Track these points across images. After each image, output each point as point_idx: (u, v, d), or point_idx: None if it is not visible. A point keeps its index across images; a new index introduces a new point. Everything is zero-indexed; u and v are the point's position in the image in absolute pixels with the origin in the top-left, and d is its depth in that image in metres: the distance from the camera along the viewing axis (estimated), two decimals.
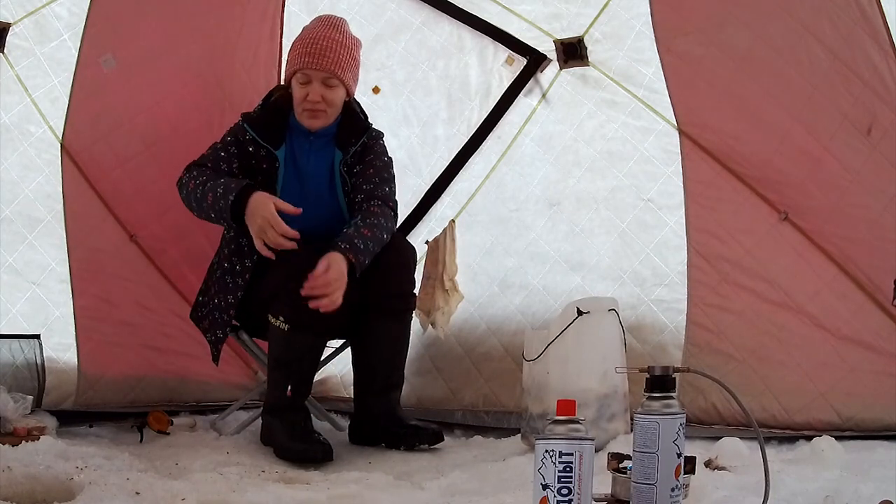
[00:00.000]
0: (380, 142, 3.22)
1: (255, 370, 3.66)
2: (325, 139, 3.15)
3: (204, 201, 2.98)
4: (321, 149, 3.15)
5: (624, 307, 2.98)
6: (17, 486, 2.33)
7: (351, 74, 3.10)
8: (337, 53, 3.04)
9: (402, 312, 3.13)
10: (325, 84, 3.05)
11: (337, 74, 3.05)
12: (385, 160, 3.20)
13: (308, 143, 3.14)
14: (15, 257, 3.21)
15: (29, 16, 3.19)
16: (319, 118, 3.09)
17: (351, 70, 3.10)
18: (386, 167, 3.18)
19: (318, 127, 3.11)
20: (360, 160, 3.15)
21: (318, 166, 3.14)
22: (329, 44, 3.05)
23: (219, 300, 3.12)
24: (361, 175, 3.13)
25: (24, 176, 3.24)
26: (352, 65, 3.10)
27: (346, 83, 3.09)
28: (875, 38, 2.69)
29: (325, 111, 3.08)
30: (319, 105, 3.06)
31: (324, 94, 3.05)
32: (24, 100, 3.23)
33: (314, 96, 3.04)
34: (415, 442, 3.01)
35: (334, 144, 3.15)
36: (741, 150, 3.02)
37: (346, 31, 3.13)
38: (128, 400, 3.35)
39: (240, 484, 2.47)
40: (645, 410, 1.83)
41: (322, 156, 3.15)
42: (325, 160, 3.14)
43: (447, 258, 3.41)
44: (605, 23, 3.23)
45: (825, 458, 2.51)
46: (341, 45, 3.07)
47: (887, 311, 2.82)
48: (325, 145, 3.15)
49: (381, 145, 3.22)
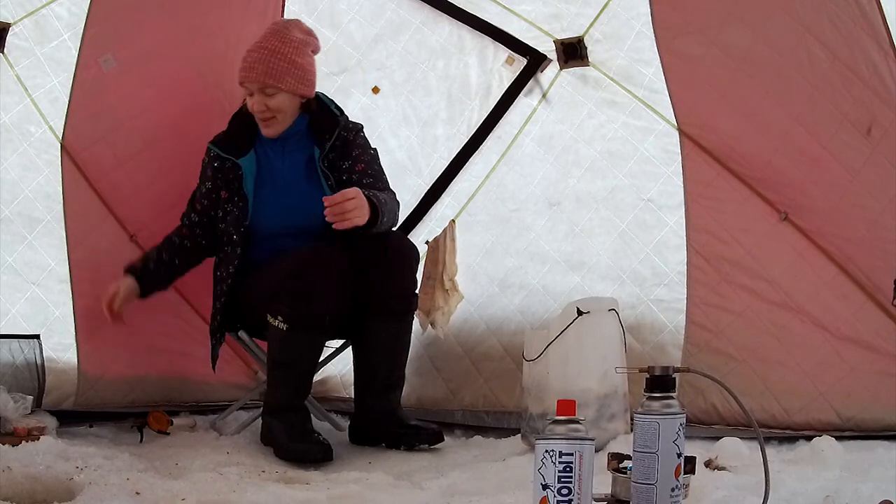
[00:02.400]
0: (360, 135, 3.24)
1: (255, 370, 3.65)
2: (295, 139, 3.19)
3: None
4: (295, 149, 3.19)
5: (624, 307, 2.97)
6: (17, 486, 2.34)
7: (290, 78, 3.09)
8: (266, 63, 3.07)
9: (403, 313, 3.13)
10: (264, 93, 3.09)
11: (268, 83, 3.07)
12: (371, 153, 3.23)
13: (280, 146, 3.19)
14: (15, 257, 3.21)
15: (29, 16, 3.19)
16: (271, 125, 3.15)
17: (289, 74, 3.09)
18: (374, 160, 3.22)
19: (274, 134, 3.16)
20: (343, 155, 3.16)
21: (294, 166, 3.18)
22: (260, 55, 3.08)
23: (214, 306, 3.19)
24: (352, 171, 3.15)
25: (23, 176, 3.24)
26: (289, 69, 3.08)
27: (284, 88, 3.09)
28: (875, 38, 2.69)
29: (275, 118, 3.13)
30: (266, 114, 3.12)
31: (266, 102, 3.10)
32: (24, 100, 3.23)
33: (257, 106, 3.11)
34: (415, 442, 3.02)
35: (310, 142, 3.18)
36: (741, 150, 3.02)
37: (286, 36, 3.13)
38: (128, 400, 3.35)
39: (240, 484, 2.47)
40: (645, 410, 1.83)
41: (297, 156, 3.19)
42: (301, 159, 3.18)
43: (447, 258, 3.41)
44: (605, 23, 3.23)
45: (825, 458, 2.51)
46: (273, 52, 3.08)
47: (887, 311, 2.82)
48: (299, 145, 3.19)
49: (362, 138, 3.24)
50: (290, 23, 3.21)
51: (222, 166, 3.16)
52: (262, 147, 3.19)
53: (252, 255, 3.15)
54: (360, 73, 3.69)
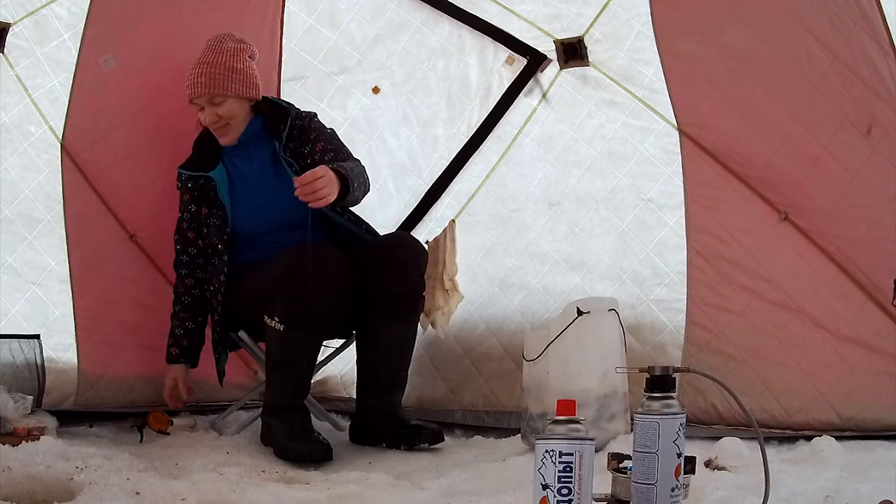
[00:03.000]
0: (315, 120, 3.30)
1: (255, 370, 3.66)
2: (255, 141, 3.25)
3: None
4: (257, 150, 3.25)
5: (624, 307, 2.97)
6: (17, 486, 2.33)
7: (234, 84, 3.18)
8: (209, 75, 3.16)
9: (409, 313, 3.13)
10: (214, 104, 3.18)
11: (214, 93, 3.17)
12: (328, 132, 3.28)
13: (243, 151, 3.26)
14: (15, 257, 3.21)
15: (29, 16, 3.19)
16: (226, 133, 3.23)
17: (231, 81, 3.18)
18: (333, 136, 3.27)
19: (231, 141, 3.24)
20: (301, 141, 3.23)
21: (261, 165, 3.24)
22: (201, 69, 3.18)
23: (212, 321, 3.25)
24: (313, 153, 3.20)
25: (23, 176, 3.24)
26: (231, 76, 3.18)
27: (230, 95, 3.18)
28: (875, 38, 2.69)
29: (228, 125, 3.22)
30: (218, 123, 3.21)
31: (217, 112, 3.19)
32: (24, 100, 3.22)
33: (209, 118, 3.20)
34: (415, 441, 3.02)
35: (269, 139, 3.24)
36: (741, 150, 3.02)
37: (220, 47, 3.22)
38: (128, 400, 3.34)
39: (240, 484, 2.47)
40: (645, 410, 1.83)
41: (261, 156, 3.25)
42: (266, 157, 3.25)
43: (447, 258, 3.41)
44: (605, 23, 3.23)
45: (825, 458, 2.50)
46: (211, 63, 3.18)
47: (887, 311, 2.82)
48: (259, 144, 3.25)
49: (317, 122, 3.30)
50: (223, 35, 3.28)
51: (196, 184, 3.23)
52: (228, 157, 3.26)
53: (240, 258, 3.20)
54: (360, 73, 3.69)
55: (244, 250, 3.20)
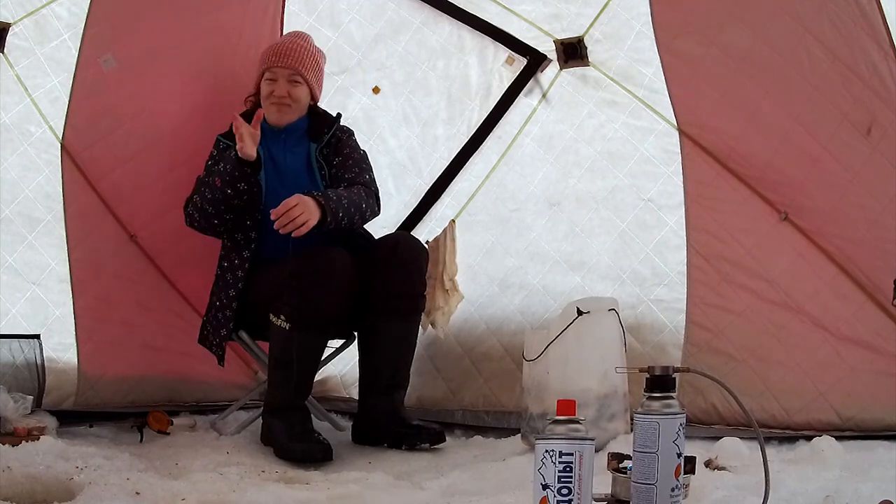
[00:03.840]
0: (353, 138, 3.35)
1: (255, 370, 3.66)
2: (297, 135, 3.27)
3: (215, 188, 3.06)
4: (296, 144, 3.27)
5: (624, 307, 2.97)
6: (17, 486, 2.34)
7: (314, 76, 3.29)
8: (300, 55, 3.26)
9: (410, 313, 3.14)
10: (291, 81, 3.23)
11: (301, 72, 3.24)
12: (361, 153, 3.32)
13: (282, 141, 3.26)
14: (15, 257, 3.21)
15: (29, 16, 3.19)
16: (286, 112, 3.25)
17: (314, 73, 3.29)
18: (364, 159, 3.31)
19: (285, 122, 3.25)
20: (336, 152, 3.27)
21: (295, 160, 3.25)
22: (294, 46, 3.27)
23: (220, 300, 3.15)
24: (342, 167, 3.24)
25: (24, 176, 3.24)
26: (315, 69, 3.30)
27: (309, 83, 3.27)
28: (875, 38, 2.69)
29: (291, 105, 3.25)
30: (285, 99, 3.23)
31: (289, 90, 3.23)
32: (24, 100, 3.23)
33: (280, 91, 3.22)
34: (417, 441, 3.02)
35: (307, 138, 3.27)
36: (741, 150, 3.02)
37: (312, 42, 3.34)
38: (128, 400, 3.35)
39: (240, 484, 2.47)
40: (645, 410, 1.83)
41: (298, 151, 3.26)
42: (302, 153, 3.26)
43: (447, 258, 3.41)
44: (605, 23, 3.23)
45: (825, 458, 2.51)
46: (305, 50, 3.28)
47: (887, 311, 2.82)
48: (299, 140, 3.28)
49: (354, 141, 3.35)
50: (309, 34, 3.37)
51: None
52: (266, 142, 3.21)
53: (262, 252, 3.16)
54: (360, 73, 3.69)
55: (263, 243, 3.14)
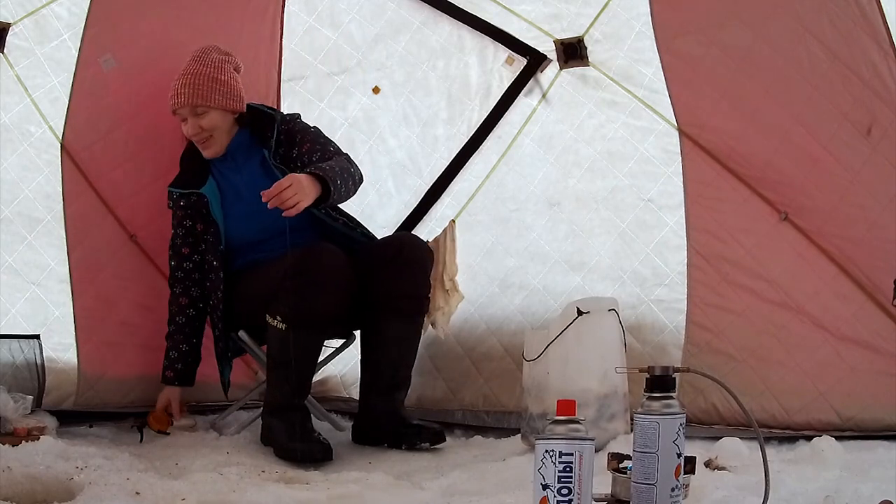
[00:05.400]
0: (297, 121, 3.29)
1: (255, 370, 3.65)
2: (242, 151, 3.25)
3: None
4: (246, 160, 3.24)
5: (624, 307, 2.98)
6: (17, 486, 2.33)
7: (217, 96, 3.17)
8: (193, 86, 3.16)
9: (413, 314, 3.14)
10: (197, 115, 3.17)
11: (197, 104, 3.16)
12: (312, 130, 3.27)
13: (231, 162, 3.25)
14: (15, 257, 3.20)
15: (29, 16, 3.19)
16: (211, 145, 3.22)
17: (215, 92, 3.17)
18: (318, 135, 3.26)
19: (214, 154, 3.23)
20: (290, 145, 3.22)
21: (251, 174, 3.21)
22: (185, 80, 3.17)
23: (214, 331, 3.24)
24: (305, 156, 3.19)
25: (23, 176, 3.23)
26: (215, 87, 3.17)
27: (213, 106, 3.17)
28: (875, 38, 2.69)
29: (211, 136, 3.20)
30: (202, 135, 3.19)
31: (199, 123, 3.18)
32: (24, 100, 3.22)
33: (191, 130, 3.19)
34: (417, 441, 3.02)
35: (257, 148, 3.23)
36: (741, 150, 3.02)
37: (208, 60, 3.22)
38: (128, 400, 3.34)
39: (240, 484, 2.47)
40: (645, 410, 1.83)
41: (250, 165, 3.24)
42: (255, 165, 3.23)
43: (447, 258, 3.41)
44: (605, 23, 3.23)
45: (825, 458, 2.51)
46: (197, 75, 3.17)
47: (887, 311, 2.82)
48: (248, 154, 3.25)
49: (300, 123, 3.29)
50: (208, 47, 3.28)
51: (189, 202, 3.22)
52: (218, 170, 3.25)
53: (239, 261, 3.21)
54: (360, 73, 3.69)
55: (241, 255, 3.20)
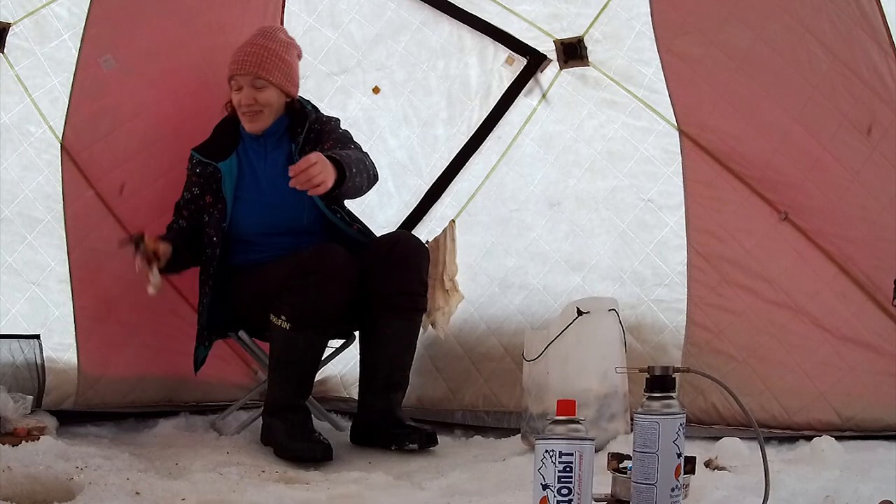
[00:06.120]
0: (332, 122, 3.28)
1: (255, 370, 3.65)
2: (275, 138, 3.23)
3: None
4: (276, 148, 3.23)
5: (624, 307, 2.98)
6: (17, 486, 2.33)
7: (280, 74, 3.17)
8: (260, 57, 3.14)
9: (409, 312, 3.12)
10: (255, 87, 3.15)
11: (262, 76, 3.14)
12: (341, 131, 3.25)
13: (262, 147, 3.23)
14: (15, 257, 3.21)
15: (29, 16, 3.19)
16: (257, 120, 3.19)
17: (279, 70, 3.17)
18: (346, 135, 3.24)
19: (259, 129, 3.20)
20: (315, 144, 3.20)
21: (275, 164, 3.20)
22: (253, 49, 3.16)
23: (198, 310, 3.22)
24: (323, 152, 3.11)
25: (23, 176, 3.24)
26: (280, 66, 3.17)
27: (274, 83, 3.16)
28: (875, 38, 2.69)
29: (261, 111, 3.18)
30: (254, 107, 3.16)
31: (255, 96, 3.16)
32: (24, 100, 3.22)
33: (246, 99, 3.15)
34: (406, 442, 2.98)
35: (287, 139, 3.22)
36: (741, 150, 3.02)
37: (277, 38, 3.23)
38: (128, 400, 3.34)
39: (240, 484, 2.47)
40: (645, 410, 1.83)
41: (277, 154, 3.22)
42: (281, 156, 3.20)
43: (447, 258, 3.41)
44: (605, 23, 3.23)
45: (825, 458, 2.50)
46: (266, 49, 3.17)
47: (887, 311, 2.83)
48: (279, 144, 3.23)
49: (332, 125, 3.27)
50: (275, 27, 3.31)
51: (204, 171, 3.21)
52: (245, 149, 3.23)
53: (238, 258, 3.19)
54: (360, 73, 3.69)
55: (243, 251, 3.19)
